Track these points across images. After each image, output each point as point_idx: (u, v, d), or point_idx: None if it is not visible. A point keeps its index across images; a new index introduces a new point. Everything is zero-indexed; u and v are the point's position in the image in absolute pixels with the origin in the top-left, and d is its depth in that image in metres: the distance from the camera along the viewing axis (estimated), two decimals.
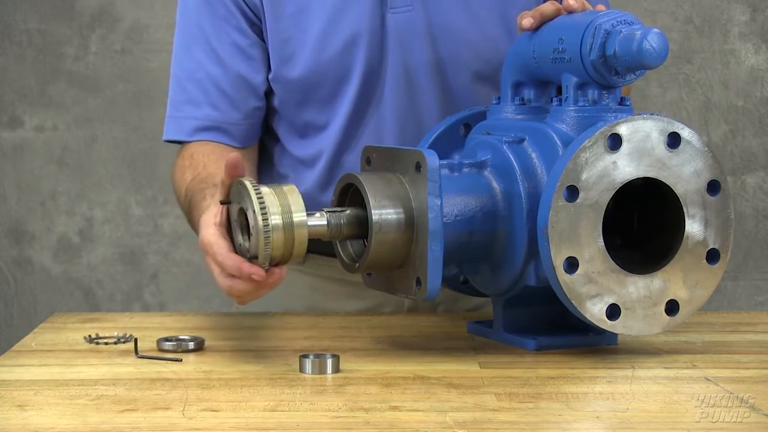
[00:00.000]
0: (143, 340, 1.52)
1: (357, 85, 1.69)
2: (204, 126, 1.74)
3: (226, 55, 1.73)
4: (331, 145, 1.72)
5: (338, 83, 1.70)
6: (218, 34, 1.73)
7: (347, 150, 1.72)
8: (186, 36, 1.76)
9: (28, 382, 1.35)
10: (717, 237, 1.47)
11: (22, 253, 3.17)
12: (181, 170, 1.72)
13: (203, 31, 1.74)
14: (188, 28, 1.76)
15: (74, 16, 3.12)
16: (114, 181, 3.15)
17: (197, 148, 1.73)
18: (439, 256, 1.42)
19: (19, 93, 3.13)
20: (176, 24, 1.77)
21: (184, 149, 1.75)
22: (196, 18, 1.75)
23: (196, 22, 1.75)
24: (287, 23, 1.70)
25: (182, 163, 1.73)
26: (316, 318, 1.72)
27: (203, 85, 1.74)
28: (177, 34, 1.77)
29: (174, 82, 1.77)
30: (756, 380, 1.38)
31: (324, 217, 1.45)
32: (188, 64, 1.75)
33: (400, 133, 1.70)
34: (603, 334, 1.50)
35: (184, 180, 1.70)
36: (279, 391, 1.31)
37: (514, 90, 1.57)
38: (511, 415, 1.22)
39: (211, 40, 1.73)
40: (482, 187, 1.50)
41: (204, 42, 1.74)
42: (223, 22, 1.73)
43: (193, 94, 1.74)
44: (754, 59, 3.14)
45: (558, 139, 1.48)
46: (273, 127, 1.77)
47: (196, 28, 1.75)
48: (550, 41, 1.51)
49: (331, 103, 1.71)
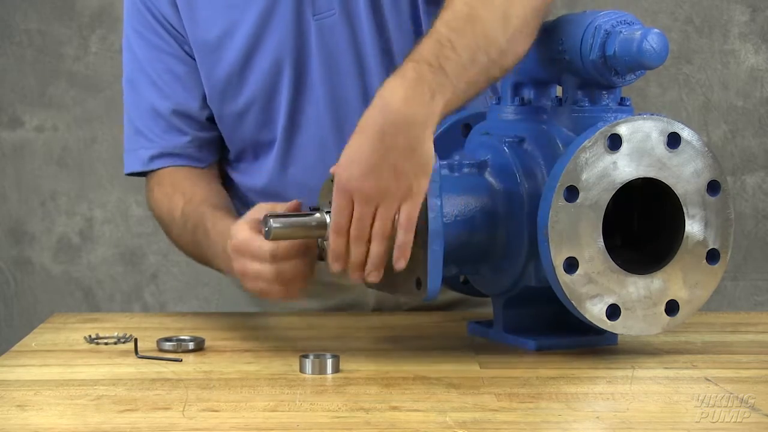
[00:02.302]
0: (143, 340, 1.52)
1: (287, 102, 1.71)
2: (158, 154, 1.76)
3: (164, 84, 1.75)
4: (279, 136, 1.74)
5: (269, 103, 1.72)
6: (153, 64, 1.75)
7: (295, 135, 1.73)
8: (128, 69, 1.79)
9: (29, 382, 1.35)
10: (717, 237, 1.47)
11: (22, 253, 3.17)
12: (166, 197, 1.74)
13: (140, 62, 1.77)
14: (129, 62, 1.79)
15: (74, 16, 3.13)
16: (114, 181, 3.15)
17: (173, 175, 1.75)
18: (439, 257, 1.42)
19: (19, 93, 3.13)
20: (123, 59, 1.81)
21: (154, 178, 1.77)
22: (134, 50, 1.77)
23: (134, 55, 1.77)
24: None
25: (164, 190, 1.75)
26: (316, 318, 1.72)
27: (148, 115, 1.76)
28: (123, 68, 1.80)
29: (125, 117, 1.80)
30: (756, 380, 1.38)
31: (325, 216, 1.45)
32: (132, 97, 1.78)
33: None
34: (603, 334, 1.50)
35: (174, 205, 1.71)
36: (279, 391, 1.31)
37: (514, 90, 1.57)
38: (511, 415, 1.22)
39: (149, 71, 1.76)
40: (482, 187, 1.50)
41: (143, 73, 1.76)
42: (156, 51, 1.75)
43: (140, 125, 1.77)
44: (754, 59, 3.14)
45: (558, 139, 1.48)
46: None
47: (134, 60, 1.77)
48: (550, 41, 1.51)
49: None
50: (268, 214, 1.44)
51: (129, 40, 1.78)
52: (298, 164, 1.72)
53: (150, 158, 1.76)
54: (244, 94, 1.71)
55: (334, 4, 1.67)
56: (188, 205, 1.69)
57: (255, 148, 1.75)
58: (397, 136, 1.37)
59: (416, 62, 1.40)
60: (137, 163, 1.78)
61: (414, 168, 1.38)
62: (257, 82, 1.70)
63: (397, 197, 1.38)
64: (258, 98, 1.71)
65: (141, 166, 1.78)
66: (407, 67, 1.40)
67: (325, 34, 1.68)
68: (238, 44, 1.69)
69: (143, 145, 1.77)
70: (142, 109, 1.77)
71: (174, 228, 1.73)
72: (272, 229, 1.43)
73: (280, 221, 1.44)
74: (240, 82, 1.70)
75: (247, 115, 1.72)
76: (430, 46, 1.41)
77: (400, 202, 1.38)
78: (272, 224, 1.43)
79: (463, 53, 1.41)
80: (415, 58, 1.40)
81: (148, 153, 1.76)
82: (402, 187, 1.37)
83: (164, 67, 1.75)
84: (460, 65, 1.40)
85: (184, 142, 1.76)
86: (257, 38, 1.68)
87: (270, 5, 1.67)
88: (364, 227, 1.39)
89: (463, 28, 1.42)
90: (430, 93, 1.38)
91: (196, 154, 1.77)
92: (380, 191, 1.37)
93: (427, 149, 1.38)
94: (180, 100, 1.75)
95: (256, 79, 1.70)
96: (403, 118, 1.37)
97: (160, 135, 1.75)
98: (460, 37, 1.41)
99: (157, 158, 1.76)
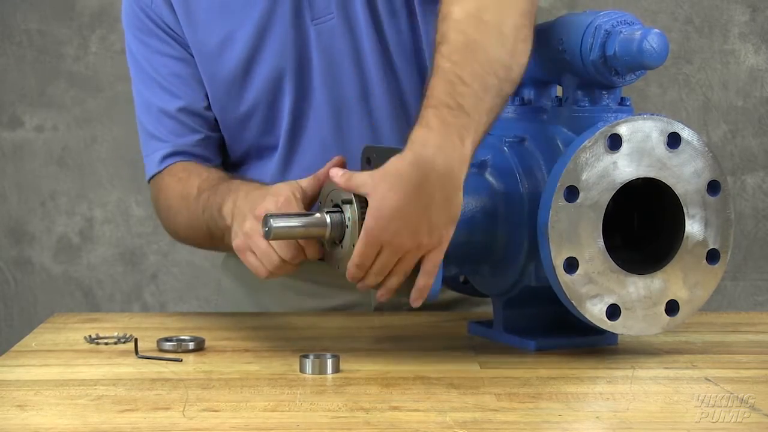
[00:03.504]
0: (143, 340, 1.52)
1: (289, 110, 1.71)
2: (169, 152, 1.76)
3: (170, 85, 1.75)
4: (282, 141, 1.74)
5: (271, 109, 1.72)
6: (157, 68, 1.76)
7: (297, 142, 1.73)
8: (134, 77, 1.79)
9: (29, 382, 1.35)
10: (717, 237, 1.47)
11: (22, 253, 3.17)
12: (180, 182, 1.73)
13: (144, 68, 1.77)
14: (134, 69, 1.79)
15: (74, 16, 3.12)
16: (114, 181, 3.15)
17: (187, 164, 1.75)
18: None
19: (19, 93, 3.13)
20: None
21: (166, 172, 1.77)
22: (136, 57, 1.78)
23: (137, 62, 1.78)
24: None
25: (177, 176, 1.74)
26: (316, 318, 1.72)
27: (158, 117, 1.76)
28: (131, 77, 1.80)
29: (138, 126, 1.80)
30: (756, 380, 1.38)
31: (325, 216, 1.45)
32: (142, 104, 1.78)
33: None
34: (603, 334, 1.50)
35: (190, 185, 1.70)
36: (279, 392, 1.31)
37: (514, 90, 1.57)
38: (511, 415, 1.22)
39: (154, 75, 1.76)
40: (482, 187, 1.50)
41: (148, 78, 1.77)
42: (159, 55, 1.75)
43: (152, 129, 1.77)
44: (754, 59, 3.14)
45: (558, 139, 1.48)
46: None
47: (138, 66, 1.78)
48: (550, 41, 1.51)
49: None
50: (268, 213, 1.44)
51: (131, 49, 1.78)
52: (299, 166, 1.72)
53: (162, 158, 1.76)
54: (246, 100, 1.71)
55: (333, 8, 1.67)
56: (205, 182, 1.69)
57: (257, 152, 1.75)
58: (435, 191, 1.36)
59: (435, 108, 1.39)
60: (152, 166, 1.78)
61: (447, 219, 1.38)
62: (259, 88, 1.70)
63: (428, 248, 1.39)
64: (260, 104, 1.71)
65: (155, 168, 1.77)
66: (428, 115, 1.39)
67: (325, 39, 1.68)
68: (238, 51, 1.69)
69: (157, 147, 1.77)
70: (152, 113, 1.77)
71: (183, 210, 1.72)
72: (272, 228, 1.43)
73: (280, 221, 1.44)
74: (242, 88, 1.70)
75: (250, 121, 1.72)
76: (442, 87, 1.40)
77: (428, 250, 1.39)
78: (272, 224, 1.43)
79: (474, 83, 1.40)
80: (432, 103, 1.39)
81: (160, 153, 1.76)
82: (433, 240, 1.38)
83: (168, 70, 1.75)
84: (476, 97, 1.40)
85: (195, 140, 1.75)
86: (257, 44, 1.68)
87: (268, 11, 1.67)
88: (386, 269, 1.40)
89: (465, 59, 1.41)
90: (459, 138, 1.38)
91: (205, 154, 1.76)
92: (413, 245, 1.38)
93: (461, 198, 1.39)
94: (188, 99, 1.74)
95: (258, 85, 1.70)
96: (441, 171, 1.36)
97: (171, 134, 1.75)
98: (465, 67, 1.40)
99: (168, 156, 1.76)
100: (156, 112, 1.76)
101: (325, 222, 1.45)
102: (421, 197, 1.36)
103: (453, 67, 1.41)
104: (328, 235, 1.46)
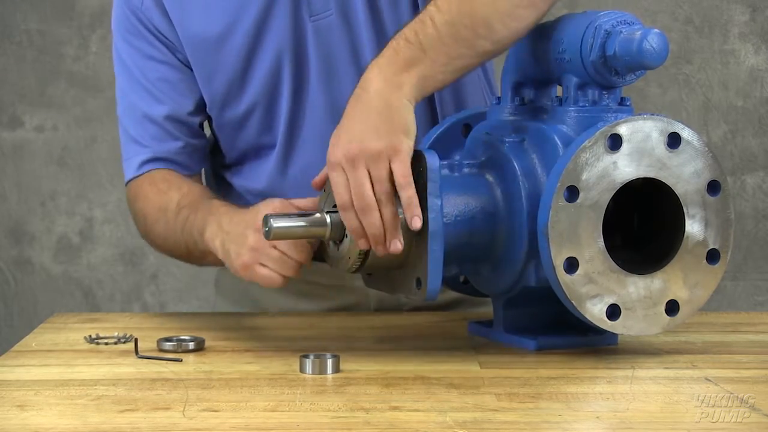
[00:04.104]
0: (143, 340, 1.52)
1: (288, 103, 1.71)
2: (149, 158, 1.76)
3: (157, 91, 1.75)
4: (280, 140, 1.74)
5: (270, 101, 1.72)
6: (145, 72, 1.75)
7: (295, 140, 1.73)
8: (120, 80, 1.79)
9: (29, 382, 1.35)
10: (717, 237, 1.47)
11: (22, 253, 3.17)
12: (159, 194, 1.73)
13: (132, 71, 1.76)
14: (121, 72, 1.78)
15: (74, 16, 3.13)
16: (114, 181, 3.15)
17: (167, 175, 1.75)
18: (439, 257, 1.42)
19: (19, 93, 3.13)
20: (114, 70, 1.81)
21: (146, 178, 1.76)
22: (124, 60, 1.77)
23: (124, 65, 1.77)
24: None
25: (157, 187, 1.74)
26: (316, 318, 1.72)
27: (141, 122, 1.76)
28: (116, 80, 1.80)
29: (120, 128, 1.79)
30: (756, 380, 1.38)
31: (325, 216, 1.45)
32: (126, 107, 1.78)
33: None
34: (603, 334, 1.50)
35: (169, 199, 1.70)
36: (279, 391, 1.31)
37: (514, 90, 1.57)
38: (511, 415, 1.22)
39: (141, 79, 1.75)
40: (482, 187, 1.50)
41: (135, 82, 1.76)
42: (148, 59, 1.74)
43: (134, 133, 1.77)
44: (754, 59, 3.14)
45: (558, 140, 1.48)
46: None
47: (125, 70, 1.77)
48: (550, 41, 1.51)
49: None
50: (268, 214, 1.44)
51: (119, 51, 1.77)
52: (298, 165, 1.72)
53: (141, 163, 1.76)
54: (245, 99, 1.71)
55: (331, 5, 1.67)
56: (185, 198, 1.69)
57: (256, 152, 1.75)
58: (371, 101, 1.43)
59: (395, 39, 1.47)
60: (131, 170, 1.78)
61: (392, 126, 1.42)
62: (258, 86, 1.70)
63: (383, 156, 1.42)
64: (259, 102, 1.71)
65: (134, 172, 1.77)
66: (387, 45, 1.47)
67: (322, 35, 1.68)
68: (236, 50, 1.69)
69: (137, 151, 1.76)
70: (135, 116, 1.76)
71: (160, 222, 1.72)
72: (273, 228, 1.43)
73: (280, 221, 1.44)
74: (241, 87, 1.70)
75: (249, 120, 1.72)
76: (412, 24, 1.48)
77: (388, 161, 1.42)
78: (273, 224, 1.43)
79: (444, 28, 1.46)
80: (395, 36, 1.47)
81: (140, 158, 1.76)
82: (383, 144, 1.42)
83: (156, 74, 1.74)
84: (440, 40, 1.45)
85: (176, 147, 1.75)
86: (255, 42, 1.68)
87: (266, 7, 1.67)
88: (363, 194, 1.42)
89: (449, 7, 1.47)
90: (404, 64, 1.45)
91: (185, 162, 1.76)
92: (363, 151, 1.41)
93: (404, 112, 1.43)
94: (174, 106, 1.74)
95: (257, 83, 1.70)
96: (375, 85, 1.44)
97: (153, 140, 1.75)
98: (443, 14, 1.46)
99: (147, 162, 1.76)
100: (140, 117, 1.75)
101: (325, 222, 1.45)
102: (358, 109, 1.44)
103: (433, 10, 1.47)
104: (328, 235, 1.46)
